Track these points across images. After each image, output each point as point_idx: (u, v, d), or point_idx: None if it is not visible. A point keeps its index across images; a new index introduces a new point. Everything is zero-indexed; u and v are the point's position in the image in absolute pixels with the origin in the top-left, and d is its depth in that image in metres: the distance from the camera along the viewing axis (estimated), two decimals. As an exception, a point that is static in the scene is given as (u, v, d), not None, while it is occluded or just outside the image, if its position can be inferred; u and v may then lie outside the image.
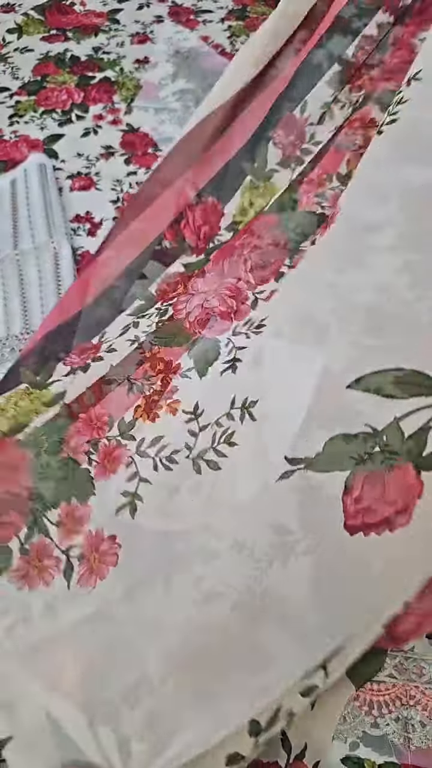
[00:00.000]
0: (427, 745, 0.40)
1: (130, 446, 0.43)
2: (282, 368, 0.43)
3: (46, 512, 0.41)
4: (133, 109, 0.80)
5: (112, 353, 0.48)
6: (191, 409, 0.44)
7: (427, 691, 0.42)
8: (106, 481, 0.42)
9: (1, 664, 0.36)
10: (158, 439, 0.43)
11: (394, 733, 0.41)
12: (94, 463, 0.43)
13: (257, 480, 0.42)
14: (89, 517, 0.41)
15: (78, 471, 0.42)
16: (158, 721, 0.35)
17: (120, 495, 0.42)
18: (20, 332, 0.58)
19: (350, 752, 0.40)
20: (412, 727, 0.41)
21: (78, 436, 0.44)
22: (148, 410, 0.45)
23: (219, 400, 0.43)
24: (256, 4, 0.96)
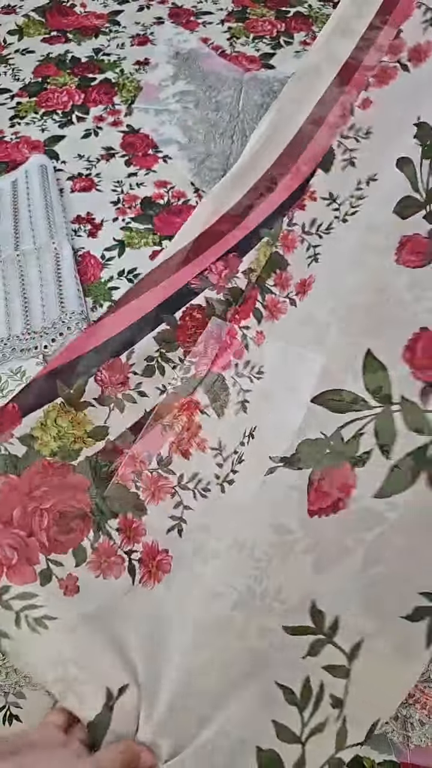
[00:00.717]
0: (426, 744, 0.40)
1: (172, 479, 0.51)
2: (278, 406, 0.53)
3: (107, 521, 0.48)
4: (134, 111, 0.80)
5: (143, 397, 0.55)
6: (216, 446, 0.53)
7: (426, 690, 0.42)
8: (155, 505, 0.50)
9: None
10: (195, 475, 0.52)
11: (393, 731, 0.41)
12: (141, 489, 0.50)
13: (255, 480, 0.50)
14: (145, 531, 0.48)
15: (129, 493, 0.50)
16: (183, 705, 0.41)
17: (168, 518, 0.49)
18: (21, 332, 0.58)
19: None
20: (411, 726, 0.41)
21: (124, 468, 0.51)
22: (181, 447, 0.53)
23: (236, 435, 0.53)
24: (255, 5, 0.96)
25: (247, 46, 0.90)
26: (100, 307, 0.62)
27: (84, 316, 0.59)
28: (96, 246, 0.67)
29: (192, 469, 0.52)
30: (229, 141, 0.77)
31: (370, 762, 0.40)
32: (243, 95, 0.83)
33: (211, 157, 0.75)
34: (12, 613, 0.42)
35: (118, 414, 0.53)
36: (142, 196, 0.71)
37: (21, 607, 0.42)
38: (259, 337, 0.57)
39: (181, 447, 0.53)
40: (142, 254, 0.66)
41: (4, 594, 0.42)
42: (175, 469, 0.52)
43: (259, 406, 0.54)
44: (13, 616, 0.41)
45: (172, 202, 0.71)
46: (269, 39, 0.91)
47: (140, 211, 0.70)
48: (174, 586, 0.46)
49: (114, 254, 0.66)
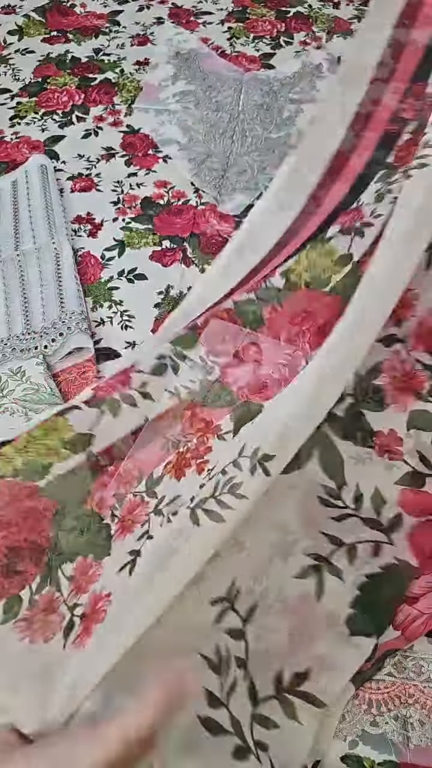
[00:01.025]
0: (425, 744, 0.40)
1: (151, 504, 0.42)
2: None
3: (61, 565, 0.40)
4: (134, 111, 0.80)
5: (147, 400, 0.46)
6: (212, 467, 0.43)
7: (426, 690, 0.42)
8: (122, 541, 0.41)
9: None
10: (176, 498, 0.41)
11: (393, 731, 0.41)
12: (116, 519, 0.41)
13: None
14: (98, 577, 0.40)
15: (99, 527, 0.41)
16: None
17: (127, 554, 0.40)
18: (21, 332, 0.58)
19: (350, 750, 0.40)
20: (410, 726, 0.41)
21: (103, 490, 0.42)
22: (178, 467, 0.43)
23: (230, 450, 0.42)
24: (255, 5, 0.96)
25: (247, 46, 0.90)
26: (100, 307, 0.62)
27: (84, 316, 0.59)
28: (96, 246, 0.67)
29: (176, 490, 0.43)
30: (229, 141, 0.77)
31: (370, 762, 0.40)
32: (243, 95, 0.83)
33: (211, 157, 0.75)
34: None
35: (110, 419, 0.45)
36: (142, 196, 0.71)
37: None
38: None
39: (177, 467, 0.44)
40: (142, 254, 0.66)
41: None
42: (159, 491, 0.43)
43: (271, 423, 0.43)
44: None
45: (172, 202, 0.71)
46: (269, 39, 0.91)
47: (140, 211, 0.70)
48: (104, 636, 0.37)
49: (114, 254, 0.66)
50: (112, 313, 0.61)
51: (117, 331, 0.60)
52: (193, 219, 0.69)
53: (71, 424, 0.44)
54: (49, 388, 0.54)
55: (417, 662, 0.43)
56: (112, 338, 0.60)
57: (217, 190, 0.72)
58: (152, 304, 0.62)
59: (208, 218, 0.69)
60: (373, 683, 0.43)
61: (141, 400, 0.46)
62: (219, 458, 0.43)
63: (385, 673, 0.43)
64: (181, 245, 0.67)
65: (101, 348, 0.59)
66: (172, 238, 0.67)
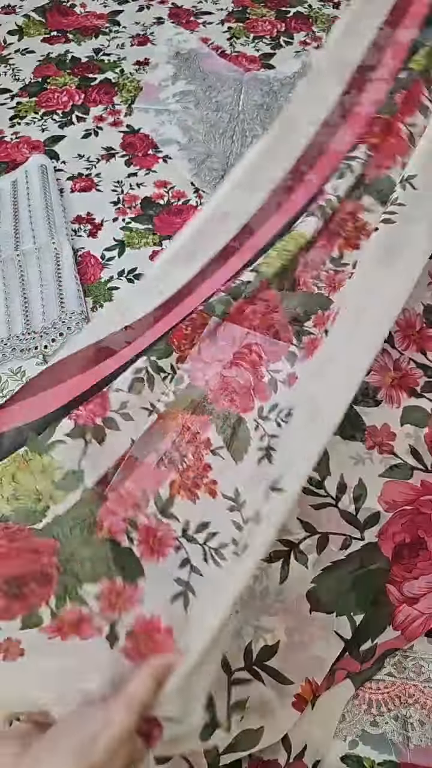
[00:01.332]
0: (425, 744, 0.40)
1: (175, 527, 0.42)
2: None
3: (81, 586, 0.38)
4: (134, 111, 0.80)
5: (128, 422, 0.46)
6: (232, 495, 0.45)
7: (426, 690, 0.42)
8: (155, 564, 0.40)
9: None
10: (204, 526, 0.43)
11: (393, 731, 0.41)
12: (136, 542, 0.41)
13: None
14: (140, 599, 0.38)
15: (120, 551, 0.40)
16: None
17: (174, 581, 0.40)
18: (21, 332, 0.58)
19: (350, 750, 0.40)
20: (410, 726, 0.41)
21: (111, 516, 0.41)
22: (186, 487, 0.44)
23: (258, 492, 0.43)
24: (255, 5, 0.96)
25: (247, 46, 0.90)
26: (100, 307, 0.62)
27: (84, 316, 0.59)
28: (96, 246, 0.67)
29: (199, 516, 0.43)
30: (229, 141, 0.77)
31: (370, 762, 0.40)
32: (243, 95, 0.83)
33: (211, 157, 0.75)
34: None
35: (97, 448, 0.45)
36: (142, 196, 0.71)
37: None
38: (292, 379, 0.51)
39: (186, 487, 0.44)
40: (142, 254, 0.66)
41: None
42: (179, 515, 0.43)
43: (287, 456, 0.45)
44: None
45: (172, 202, 0.71)
46: (269, 39, 0.91)
47: (140, 211, 0.70)
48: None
49: (114, 254, 0.66)
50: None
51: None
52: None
53: (58, 463, 0.43)
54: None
55: (417, 662, 0.43)
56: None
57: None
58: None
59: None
60: (373, 683, 0.43)
61: (123, 423, 0.47)
62: (235, 483, 0.45)
63: (385, 673, 0.43)
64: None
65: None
66: (172, 238, 0.67)
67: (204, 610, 0.39)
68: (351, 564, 0.46)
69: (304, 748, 0.40)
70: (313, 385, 0.47)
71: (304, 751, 0.40)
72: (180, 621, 0.38)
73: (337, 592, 0.45)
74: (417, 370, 0.56)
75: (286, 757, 0.40)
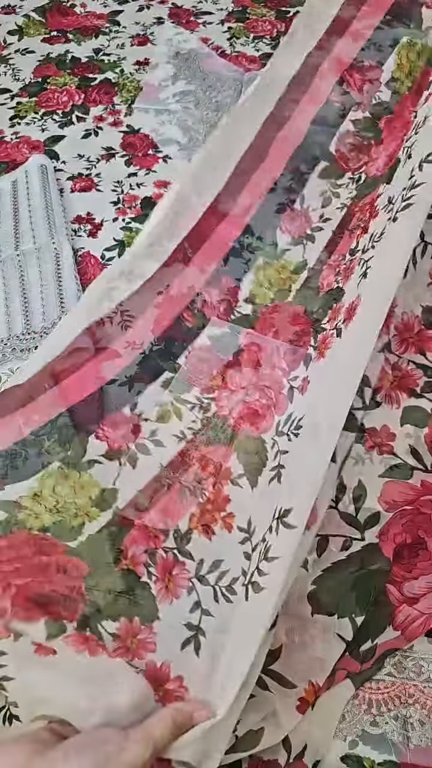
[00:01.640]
0: (425, 744, 0.40)
1: (189, 567, 0.42)
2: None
3: (101, 621, 0.38)
4: (134, 111, 0.80)
5: (159, 447, 0.47)
6: (245, 527, 0.44)
7: (426, 690, 0.42)
8: (169, 605, 0.40)
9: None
10: (218, 564, 0.43)
11: (393, 731, 0.41)
12: (153, 578, 0.41)
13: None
14: (155, 646, 0.39)
15: (139, 586, 0.40)
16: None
17: (184, 626, 0.40)
18: (21, 332, 0.58)
19: (349, 750, 0.40)
20: (411, 726, 0.41)
21: (135, 545, 0.42)
22: (203, 522, 0.44)
23: (266, 514, 0.43)
24: (255, 5, 0.96)
25: (247, 46, 0.90)
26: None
27: (84, 316, 0.59)
28: (96, 246, 0.67)
29: (213, 554, 0.43)
30: (229, 141, 0.77)
31: (370, 762, 0.40)
32: (243, 95, 0.83)
33: (211, 157, 0.75)
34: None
35: (130, 471, 0.46)
36: (142, 196, 0.71)
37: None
38: (304, 384, 0.51)
39: (203, 521, 0.44)
40: (142, 254, 0.66)
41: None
42: (195, 552, 0.43)
43: (295, 475, 0.44)
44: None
45: (172, 202, 0.71)
46: (269, 39, 0.91)
47: (140, 211, 0.70)
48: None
49: (114, 254, 0.66)
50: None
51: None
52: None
53: (97, 480, 0.44)
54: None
55: (417, 662, 0.43)
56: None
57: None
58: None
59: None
60: (373, 683, 0.43)
61: (154, 448, 0.47)
62: (249, 512, 0.45)
63: (385, 673, 0.43)
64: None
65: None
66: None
67: (215, 652, 0.39)
68: (351, 565, 0.46)
69: (304, 748, 0.40)
70: (315, 392, 0.47)
71: (304, 751, 0.40)
72: (191, 668, 0.39)
73: (338, 594, 0.45)
74: (417, 371, 0.56)
75: (286, 757, 0.40)
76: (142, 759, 0.31)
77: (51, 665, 0.36)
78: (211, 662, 0.39)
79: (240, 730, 0.38)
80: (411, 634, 0.44)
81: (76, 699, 0.35)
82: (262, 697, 0.40)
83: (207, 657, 0.39)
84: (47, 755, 0.30)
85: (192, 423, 0.49)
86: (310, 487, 0.41)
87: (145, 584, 0.40)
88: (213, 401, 0.51)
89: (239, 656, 0.37)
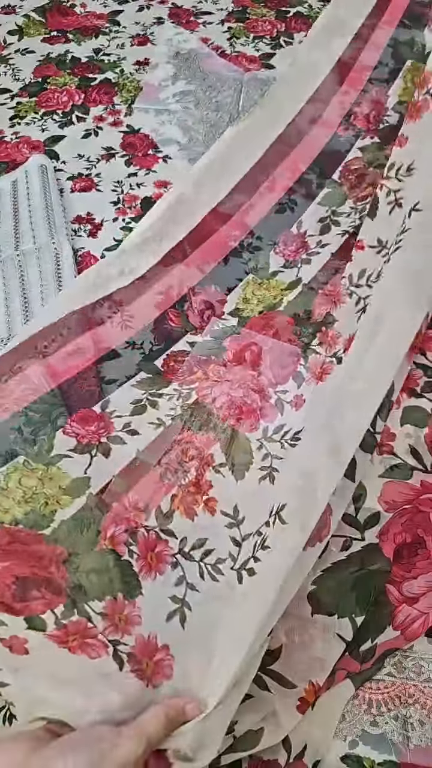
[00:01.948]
0: (425, 744, 0.40)
1: (173, 544, 0.43)
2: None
3: (88, 602, 0.39)
4: (134, 111, 0.80)
5: (135, 436, 0.47)
6: (231, 512, 0.46)
7: (426, 690, 0.42)
8: (152, 581, 0.41)
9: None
10: (202, 542, 0.44)
11: (393, 731, 0.41)
12: (135, 555, 0.41)
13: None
14: (140, 619, 0.39)
15: (120, 564, 0.41)
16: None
17: (169, 599, 0.41)
18: (21, 333, 0.58)
19: (350, 750, 0.40)
20: (410, 726, 0.41)
21: (114, 526, 0.42)
22: (186, 504, 0.45)
23: (259, 509, 0.45)
24: (255, 5, 0.96)
25: (247, 46, 0.90)
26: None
27: (84, 316, 0.59)
28: (96, 246, 0.67)
29: (197, 533, 0.44)
30: (229, 141, 0.77)
31: (370, 762, 0.40)
32: (243, 95, 0.83)
33: (211, 157, 0.75)
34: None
35: (102, 460, 0.46)
36: (142, 196, 0.71)
37: None
38: (299, 400, 0.52)
39: (185, 503, 0.45)
40: (142, 254, 0.66)
41: None
42: (177, 531, 0.44)
43: (292, 481, 0.45)
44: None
45: (172, 202, 0.71)
46: (269, 39, 0.91)
47: (140, 211, 0.70)
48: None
49: (114, 254, 0.66)
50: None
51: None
52: (193, 219, 0.69)
53: (65, 471, 0.45)
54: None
55: (417, 662, 0.43)
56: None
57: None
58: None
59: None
60: (373, 683, 0.43)
61: (129, 437, 0.48)
62: (234, 500, 0.46)
63: (385, 673, 0.43)
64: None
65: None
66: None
67: (202, 624, 0.40)
68: (352, 565, 0.46)
69: (304, 747, 0.40)
70: (330, 415, 0.48)
71: (304, 751, 0.40)
72: (177, 637, 0.39)
73: (339, 594, 0.45)
74: (417, 371, 0.56)
75: (286, 757, 0.40)
76: (135, 755, 0.31)
77: (24, 665, 0.36)
78: (198, 636, 0.40)
79: (239, 729, 0.38)
80: (411, 635, 0.44)
81: (72, 698, 0.36)
82: (262, 697, 0.40)
83: (193, 630, 0.40)
84: (43, 753, 0.31)
85: (170, 410, 0.50)
86: (321, 494, 0.43)
87: (126, 562, 0.41)
88: (194, 391, 0.51)
89: (233, 645, 0.38)
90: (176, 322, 0.57)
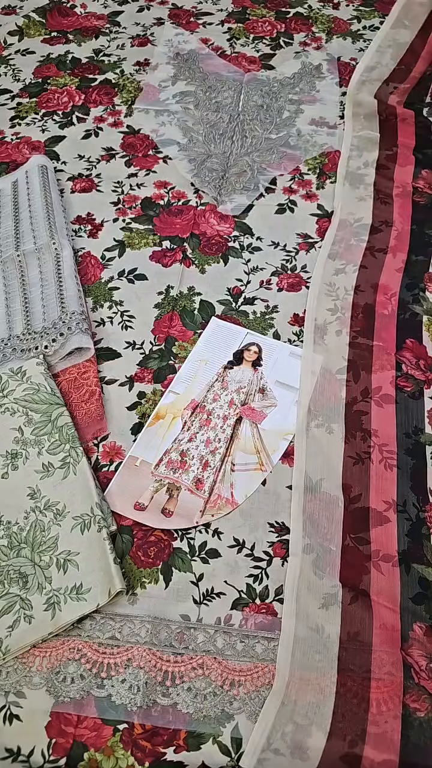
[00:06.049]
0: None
1: None
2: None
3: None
4: (134, 112, 0.81)
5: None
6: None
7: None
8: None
9: None
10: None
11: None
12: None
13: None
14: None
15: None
16: None
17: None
18: (22, 332, 0.58)
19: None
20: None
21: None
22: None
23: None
24: (255, 6, 0.96)
25: (247, 46, 0.90)
26: (100, 308, 0.62)
27: (84, 316, 0.59)
28: (96, 246, 0.67)
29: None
30: (229, 142, 0.77)
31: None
32: (243, 96, 0.83)
33: (211, 157, 0.75)
34: None
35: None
36: (142, 197, 0.71)
37: None
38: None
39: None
40: (142, 254, 0.66)
41: None
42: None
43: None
44: None
45: (172, 202, 0.71)
46: (269, 40, 0.91)
47: (140, 211, 0.70)
48: None
49: (114, 254, 0.66)
50: (112, 313, 0.62)
51: (117, 331, 0.60)
52: (193, 219, 0.69)
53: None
54: (49, 387, 0.54)
55: (416, 661, 0.43)
56: (112, 338, 0.60)
57: (217, 191, 0.72)
58: (152, 304, 0.62)
59: (208, 219, 0.70)
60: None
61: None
62: None
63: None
64: (181, 246, 0.67)
65: (101, 348, 0.59)
66: (172, 239, 0.68)
67: None
68: None
69: None
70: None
71: None
72: None
73: None
74: None
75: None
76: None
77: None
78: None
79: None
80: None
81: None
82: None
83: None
84: None
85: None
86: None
87: None
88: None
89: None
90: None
